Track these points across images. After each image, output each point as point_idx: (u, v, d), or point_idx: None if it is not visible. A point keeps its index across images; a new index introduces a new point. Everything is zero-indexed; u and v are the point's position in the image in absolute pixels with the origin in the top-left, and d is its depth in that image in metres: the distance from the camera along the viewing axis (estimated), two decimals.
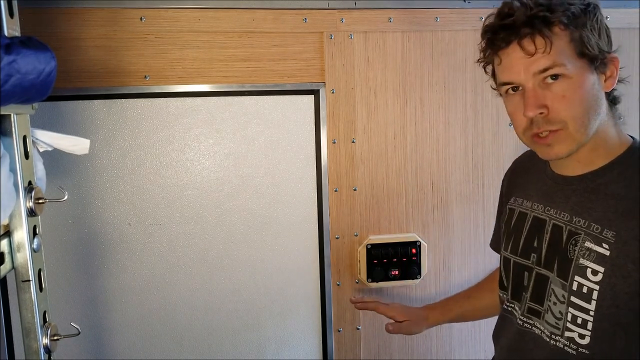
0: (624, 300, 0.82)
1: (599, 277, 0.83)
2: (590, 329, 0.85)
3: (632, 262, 0.81)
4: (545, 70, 0.84)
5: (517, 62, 0.85)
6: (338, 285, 1.45)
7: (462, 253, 1.50)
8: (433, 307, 1.30)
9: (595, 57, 0.85)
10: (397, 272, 1.44)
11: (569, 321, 0.88)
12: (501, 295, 1.05)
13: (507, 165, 1.16)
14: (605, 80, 0.88)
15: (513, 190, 1.08)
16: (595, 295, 0.84)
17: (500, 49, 0.88)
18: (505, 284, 1.03)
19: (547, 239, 0.93)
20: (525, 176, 1.04)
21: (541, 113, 0.85)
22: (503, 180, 1.15)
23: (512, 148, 1.49)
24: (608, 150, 0.89)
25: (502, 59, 0.88)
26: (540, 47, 0.83)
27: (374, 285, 1.44)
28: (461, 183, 1.48)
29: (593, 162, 0.90)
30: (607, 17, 1.43)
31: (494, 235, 1.21)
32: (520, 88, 0.87)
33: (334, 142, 1.40)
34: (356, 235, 1.44)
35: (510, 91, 0.89)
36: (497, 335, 1.08)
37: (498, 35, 0.87)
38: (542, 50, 0.83)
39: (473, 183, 1.49)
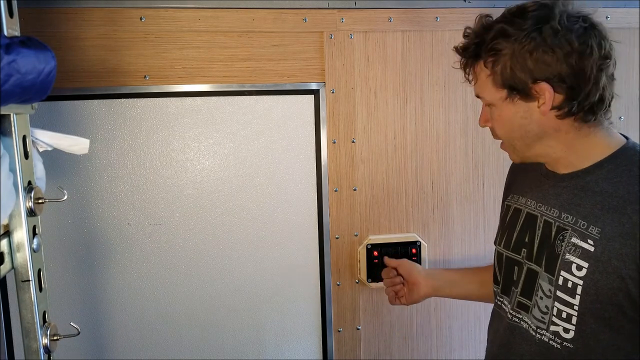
0: (607, 296, 0.84)
1: (583, 272, 0.85)
2: (574, 324, 0.87)
3: (616, 259, 0.82)
4: (477, 96, 0.97)
5: None
6: (338, 285, 1.45)
7: (462, 253, 1.50)
8: (435, 275, 1.29)
9: (512, 89, 0.88)
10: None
11: (554, 315, 0.90)
12: (494, 289, 1.07)
13: (507, 165, 1.16)
14: (538, 107, 0.88)
15: (512, 187, 1.11)
16: (579, 290, 0.86)
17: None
18: (498, 278, 1.05)
19: (539, 235, 0.95)
20: (524, 174, 1.06)
21: (488, 126, 0.98)
22: (506, 178, 1.17)
23: None
24: (586, 154, 0.90)
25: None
26: (471, 77, 0.97)
27: (374, 285, 1.44)
28: (461, 183, 1.48)
29: (576, 163, 0.91)
30: (607, 17, 1.45)
31: (497, 232, 1.22)
32: None
33: (334, 142, 1.40)
34: (356, 235, 1.44)
35: None
36: (489, 330, 1.10)
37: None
38: (471, 80, 0.97)
39: (473, 183, 1.49)
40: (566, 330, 0.88)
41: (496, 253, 1.07)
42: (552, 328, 0.90)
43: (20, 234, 0.73)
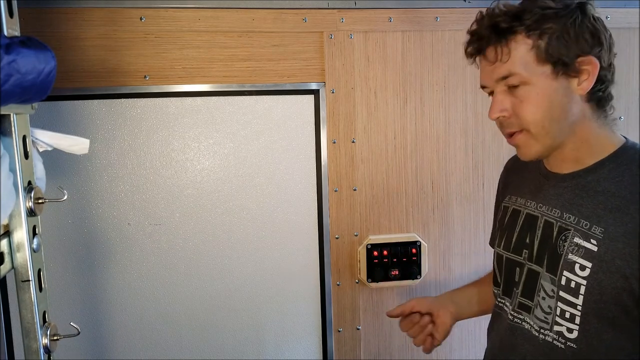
0: (611, 296, 0.84)
1: (587, 272, 0.85)
2: (578, 323, 0.87)
3: (620, 258, 0.82)
4: (504, 77, 0.89)
5: (484, 69, 0.92)
6: (338, 285, 1.45)
7: (462, 253, 1.50)
8: (450, 298, 1.18)
9: (559, 63, 0.86)
10: (397, 272, 1.43)
11: (557, 315, 0.89)
12: (495, 291, 1.06)
13: None
14: (578, 84, 0.87)
15: (508, 188, 1.10)
16: (582, 290, 0.86)
17: (473, 56, 0.94)
18: (499, 280, 1.05)
19: (539, 235, 0.95)
20: (520, 174, 1.06)
21: (503, 116, 0.90)
22: (499, 179, 1.17)
23: (512, 148, 1.48)
24: (595, 149, 0.90)
25: (478, 65, 0.95)
26: (500, 55, 0.88)
27: (374, 285, 1.44)
28: (461, 183, 1.48)
29: (583, 160, 0.91)
30: (607, 17, 1.44)
31: (492, 232, 1.22)
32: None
33: (334, 142, 1.40)
34: (356, 235, 1.44)
35: (490, 95, 0.95)
36: (489, 331, 1.10)
37: (471, 44, 0.93)
38: (501, 58, 0.88)
39: (473, 183, 1.49)
40: (570, 330, 0.88)
41: (496, 255, 1.07)
42: (556, 328, 0.90)
43: (20, 234, 0.73)
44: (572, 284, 0.87)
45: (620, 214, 0.84)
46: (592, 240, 0.85)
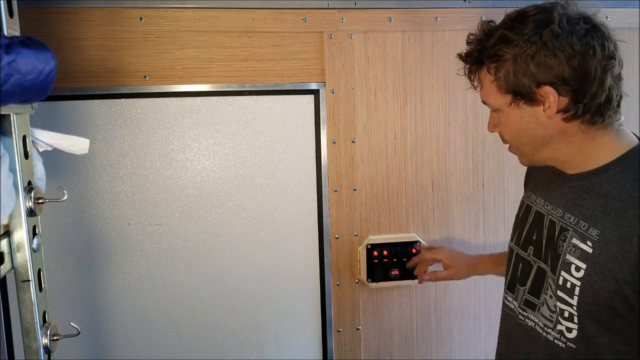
0: (603, 299, 0.84)
1: (581, 273, 0.86)
2: (576, 323, 0.87)
3: (612, 262, 0.82)
4: (483, 102, 0.96)
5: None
6: (338, 285, 1.45)
7: None
8: (483, 258, 1.31)
9: (516, 94, 0.88)
10: (397, 272, 1.44)
11: (559, 314, 0.90)
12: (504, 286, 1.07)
13: (507, 165, 1.16)
14: (544, 110, 0.87)
15: (528, 183, 1.11)
16: (577, 291, 0.86)
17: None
18: (507, 274, 1.06)
19: (545, 234, 0.95)
20: (538, 171, 1.06)
21: (498, 131, 0.98)
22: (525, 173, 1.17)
23: None
24: (592, 157, 0.89)
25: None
26: (475, 83, 0.96)
27: (374, 285, 1.44)
28: (461, 183, 1.48)
29: (583, 165, 0.91)
30: (607, 17, 1.44)
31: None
32: None
33: (334, 142, 1.40)
34: (356, 235, 1.44)
35: None
36: (500, 328, 1.10)
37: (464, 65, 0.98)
38: (477, 86, 0.96)
39: (473, 183, 1.49)
40: (569, 330, 0.88)
41: (508, 248, 1.07)
42: (558, 327, 0.90)
43: (20, 234, 0.73)
44: (568, 285, 0.87)
45: (617, 218, 0.83)
46: (588, 242, 0.85)
